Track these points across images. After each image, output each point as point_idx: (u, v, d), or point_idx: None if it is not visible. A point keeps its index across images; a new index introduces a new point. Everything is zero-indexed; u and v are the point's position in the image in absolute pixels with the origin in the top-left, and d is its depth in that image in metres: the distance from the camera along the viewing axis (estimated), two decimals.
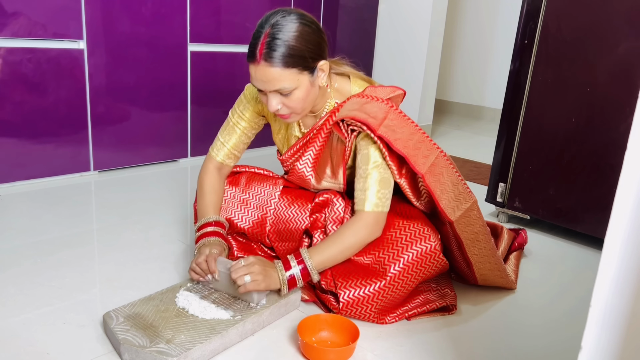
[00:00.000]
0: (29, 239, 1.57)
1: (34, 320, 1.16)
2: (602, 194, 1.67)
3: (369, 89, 1.27)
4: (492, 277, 1.38)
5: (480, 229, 1.28)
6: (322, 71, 1.20)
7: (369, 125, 1.20)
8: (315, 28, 1.17)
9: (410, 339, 1.19)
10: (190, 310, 1.14)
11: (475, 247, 1.29)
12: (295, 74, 1.14)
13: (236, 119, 1.39)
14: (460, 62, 4.56)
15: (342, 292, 1.20)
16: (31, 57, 1.94)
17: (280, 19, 1.13)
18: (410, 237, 1.23)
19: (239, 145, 1.41)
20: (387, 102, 1.23)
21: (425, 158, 1.22)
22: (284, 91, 1.15)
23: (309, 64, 1.16)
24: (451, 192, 1.24)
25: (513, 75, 1.84)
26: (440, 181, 1.23)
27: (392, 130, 1.20)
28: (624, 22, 1.56)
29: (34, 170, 2.04)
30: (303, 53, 1.14)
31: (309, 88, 1.18)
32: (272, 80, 1.14)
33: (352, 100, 1.25)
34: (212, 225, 1.33)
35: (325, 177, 1.38)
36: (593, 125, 1.66)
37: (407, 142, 1.21)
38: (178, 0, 2.29)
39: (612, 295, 0.61)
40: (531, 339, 1.24)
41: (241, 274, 1.13)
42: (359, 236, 1.23)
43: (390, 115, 1.22)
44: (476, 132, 3.89)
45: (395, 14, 3.30)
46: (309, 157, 1.35)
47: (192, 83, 2.45)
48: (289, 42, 1.12)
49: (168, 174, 2.32)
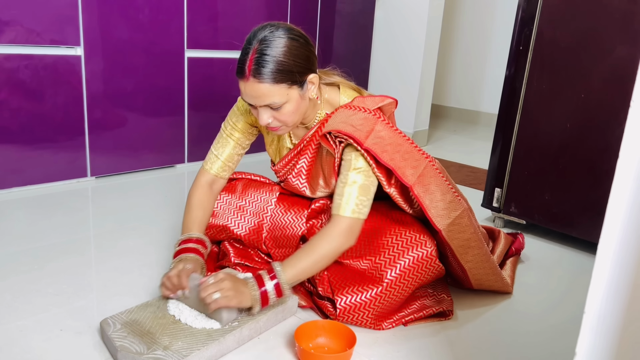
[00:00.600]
0: (26, 245, 1.57)
1: (30, 327, 1.16)
2: (598, 199, 1.68)
3: (357, 100, 1.27)
4: (487, 281, 1.38)
5: (471, 235, 1.28)
6: (311, 84, 1.21)
7: (354, 138, 1.19)
8: (303, 42, 1.17)
9: (407, 345, 1.19)
10: (182, 319, 1.14)
11: (468, 254, 1.30)
12: (285, 89, 1.15)
13: (229, 131, 1.39)
14: (456, 67, 4.58)
15: (339, 299, 1.20)
16: (28, 64, 1.94)
17: (268, 34, 1.13)
18: (407, 244, 1.24)
19: (232, 157, 1.40)
20: (375, 113, 1.23)
21: (414, 169, 1.22)
22: (274, 106, 1.16)
23: (298, 79, 1.16)
24: (440, 201, 1.24)
25: (508, 81, 1.86)
26: (429, 191, 1.23)
27: (380, 142, 1.20)
28: (618, 29, 1.57)
29: (31, 176, 2.04)
30: (292, 68, 1.14)
31: (298, 101, 1.19)
32: (261, 96, 1.14)
33: (339, 112, 1.25)
34: (193, 242, 1.30)
35: (319, 188, 1.38)
36: (588, 131, 1.67)
37: (394, 153, 1.20)
38: (175, 6, 2.30)
39: (606, 302, 0.61)
40: (528, 345, 1.25)
41: (210, 291, 1.09)
42: (333, 244, 1.19)
43: (377, 127, 1.21)
44: (472, 137, 3.90)
45: (391, 19, 3.32)
46: (301, 169, 1.36)
47: (189, 89, 2.45)
48: (277, 57, 1.12)
49: (165, 180, 2.32)
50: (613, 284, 0.61)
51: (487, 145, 2.56)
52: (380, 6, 3.34)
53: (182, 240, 1.31)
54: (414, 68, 3.25)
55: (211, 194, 1.40)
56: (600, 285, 0.62)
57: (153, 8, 2.22)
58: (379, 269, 1.22)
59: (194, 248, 1.29)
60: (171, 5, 2.28)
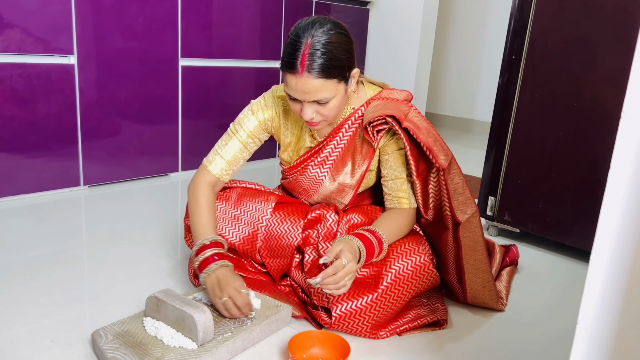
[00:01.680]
0: (17, 255, 1.56)
1: (21, 338, 1.15)
2: (591, 207, 1.69)
3: (385, 92, 1.32)
4: (482, 295, 1.37)
5: (479, 238, 1.29)
6: (353, 78, 1.23)
7: (396, 116, 1.23)
8: (349, 36, 1.20)
9: (401, 356, 1.18)
10: (159, 337, 1.09)
11: (471, 257, 1.30)
12: (335, 84, 1.17)
13: (240, 133, 1.36)
14: (450, 75, 4.61)
15: (334, 307, 1.19)
16: (21, 72, 1.93)
17: (319, 29, 1.15)
18: (402, 249, 1.26)
19: (237, 159, 1.37)
20: (406, 103, 1.28)
21: (445, 155, 1.25)
22: (323, 101, 1.17)
23: (346, 74, 1.18)
24: (461, 194, 1.27)
25: (502, 89, 1.87)
26: (454, 181, 1.26)
27: (415, 124, 1.24)
28: (610, 37, 1.59)
29: (23, 185, 2.03)
30: (342, 63, 1.16)
31: (344, 96, 1.22)
32: (314, 92, 1.15)
33: (372, 104, 1.29)
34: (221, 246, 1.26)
35: (342, 175, 1.37)
36: (581, 139, 1.68)
37: (428, 137, 1.24)
38: (169, 15, 2.30)
39: (599, 311, 0.61)
40: (522, 354, 1.24)
41: (341, 280, 1.12)
42: (409, 229, 1.34)
43: (411, 113, 1.26)
44: (466, 145, 3.92)
45: (385, 28, 3.33)
46: (326, 157, 1.35)
47: (183, 98, 2.45)
48: (330, 52, 1.14)
49: (158, 189, 2.31)
50: (606, 294, 0.61)
51: (480, 154, 2.57)
52: (374, 15, 3.36)
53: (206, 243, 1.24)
54: (407, 76, 3.26)
55: (213, 195, 1.37)
56: (593, 295, 0.62)
57: (147, 16, 2.22)
58: (375, 276, 1.22)
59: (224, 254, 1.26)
60: (165, 13, 2.28)
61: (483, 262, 1.32)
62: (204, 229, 1.28)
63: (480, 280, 1.34)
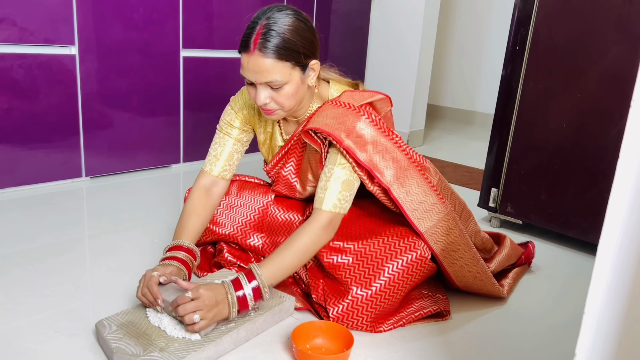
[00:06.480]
0: (20, 246, 1.56)
1: (24, 329, 1.15)
2: (594, 199, 1.68)
3: (345, 95, 1.26)
4: (474, 284, 1.35)
5: (457, 239, 1.26)
6: (312, 70, 1.21)
7: (334, 137, 1.18)
8: (310, 26, 1.19)
9: (405, 346, 1.19)
10: (162, 327, 1.10)
11: (451, 257, 1.27)
12: (288, 68, 1.15)
13: (226, 129, 1.38)
14: (452, 67, 4.59)
15: (331, 308, 1.19)
16: (22, 63, 1.92)
17: (276, 13, 1.15)
18: (397, 245, 1.22)
19: (232, 155, 1.38)
20: (358, 110, 1.21)
21: (394, 169, 1.20)
22: (275, 84, 1.16)
23: (302, 60, 1.17)
24: (422, 202, 1.22)
25: (505, 81, 1.86)
26: (409, 193, 1.21)
27: (359, 140, 1.18)
28: (614, 29, 1.57)
29: (25, 176, 2.02)
30: (297, 47, 1.15)
31: (299, 84, 1.19)
32: (264, 72, 1.14)
33: (324, 107, 1.24)
34: (184, 250, 1.24)
35: (309, 183, 1.38)
36: (584, 131, 1.67)
37: (374, 153, 1.19)
38: (170, 6, 2.28)
39: (606, 302, 0.61)
40: (526, 346, 1.24)
41: (189, 311, 1.03)
42: (312, 238, 1.17)
43: (359, 124, 1.20)
44: (468, 137, 3.91)
45: (387, 19, 3.31)
46: (292, 164, 1.36)
47: (185, 89, 2.44)
48: (284, 34, 1.13)
49: (160, 180, 2.31)
50: (613, 285, 0.61)
51: (483, 146, 2.56)
52: (376, 6, 3.34)
53: (170, 247, 1.25)
54: (409, 68, 3.25)
55: (208, 199, 1.36)
56: (600, 286, 0.61)
57: (148, 7, 2.21)
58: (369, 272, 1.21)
59: (181, 258, 1.22)
60: (166, 4, 2.27)
61: (469, 258, 1.28)
62: (179, 232, 1.30)
63: (469, 274, 1.32)
